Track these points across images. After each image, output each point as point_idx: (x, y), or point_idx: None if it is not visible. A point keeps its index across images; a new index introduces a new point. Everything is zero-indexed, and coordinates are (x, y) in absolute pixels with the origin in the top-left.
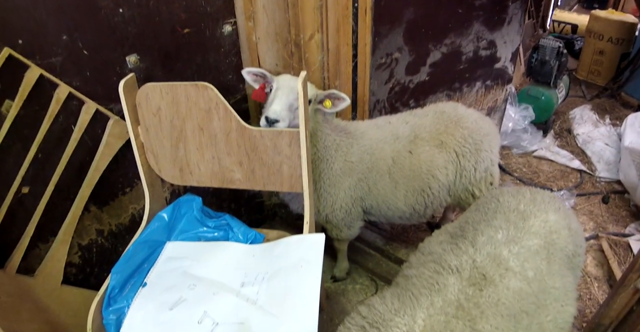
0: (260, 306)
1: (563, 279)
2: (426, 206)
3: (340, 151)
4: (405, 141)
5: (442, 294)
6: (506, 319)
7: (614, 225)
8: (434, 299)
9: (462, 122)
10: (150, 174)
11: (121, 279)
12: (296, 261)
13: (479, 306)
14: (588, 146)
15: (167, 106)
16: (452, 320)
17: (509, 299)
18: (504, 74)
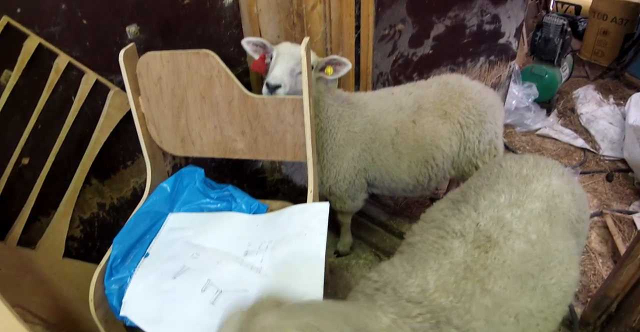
0: (265, 274)
1: (566, 242)
2: (430, 177)
3: (343, 121)
4: (408, 111)
5: (448, 257)
6: (513, 280)
7: (618, 203)
8: (442, 262)
9: (466, 93)
10: (152, 146)
11: (123, 249)
12: (300, 229)
13: (485, 267)
14: (592, 125)
15: (168, 75)
16: (462, 281)
17: (514, 261)
18: (507, 49)
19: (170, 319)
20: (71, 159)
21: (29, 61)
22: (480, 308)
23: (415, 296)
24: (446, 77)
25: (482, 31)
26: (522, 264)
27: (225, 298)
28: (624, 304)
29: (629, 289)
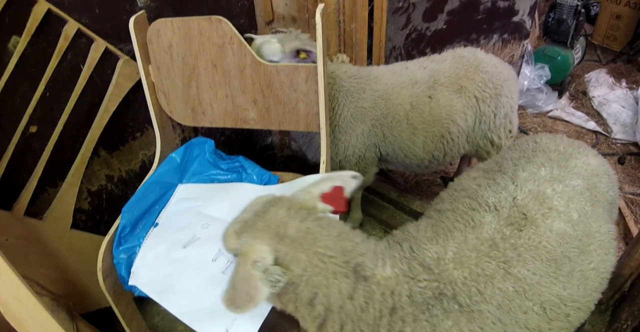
0: None
1: (607, 225)
2: (445, 152)
3: (350, 97)
4: (424, 86)
5: (476, 231)
6: (546, 264)
7: (630, 185)
8: (468, 236)
9: (482, 67)
10: (162, 116)
11: (132, 218)
12: None
13: (516, 247)
14: (604, 108)
15: (179, 42)
16: (484, 258)
17: (550, 242)
18: (521, 28)
19: (179, 289)
20: (79, 129)
21: (38, 27)
22: (497, 292)
23: (428, 261)
24: (461, 51)
25: (497, 8)
26: (559, 246)
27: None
28: (637, 283)
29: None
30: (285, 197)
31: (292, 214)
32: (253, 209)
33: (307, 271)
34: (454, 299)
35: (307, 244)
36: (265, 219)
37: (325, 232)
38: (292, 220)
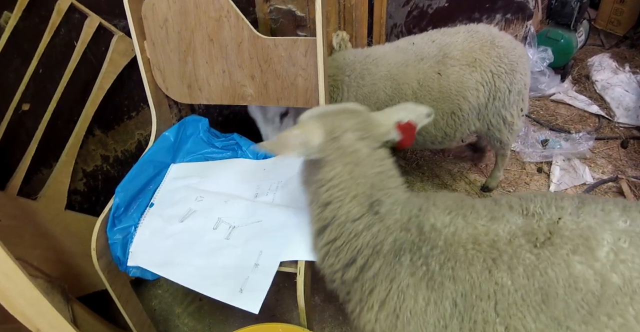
0: (278, 204)
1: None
2: (456, 129)
3: (351, 87)
4: (432, 61)
5: (493, 224)
6: (535, 291)
7: (633, 169)
8: (481, 223)
9: (497, 41)
10: (157, 93)
11: (126, 198)
12: None
13: (515, 257)
14: (607, 92)
15: (174, 17)
16: (476, 248)
17: (557, 277)
18: (524, 8)
19: (182, 259)
20: (74, 107)
21: (29, 2)
22: (467, 278)
23: (426, 224)
24: (474, 26)
25: None
26: (563, 286)
27: (239, 232)
28: None
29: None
30: (366, 112)
31: (357, 128)
32: (336, 107)
33: (333, 180)
34: (425, 259)
35: (347, 160)
36: (334, 118)
37: (369, 163)
38: (352, 133)
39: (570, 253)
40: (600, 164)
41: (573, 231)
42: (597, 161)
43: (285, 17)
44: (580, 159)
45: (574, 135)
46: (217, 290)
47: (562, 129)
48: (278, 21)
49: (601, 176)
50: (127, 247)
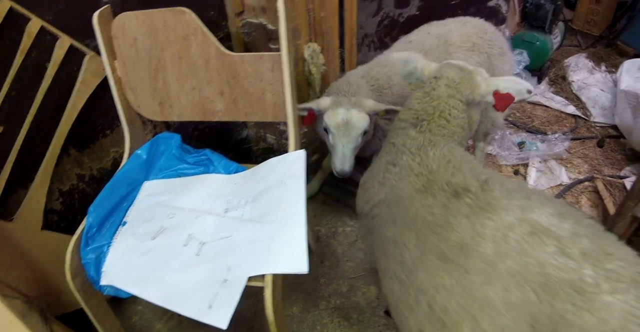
0: (247, 219)
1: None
2: None
3: (383, 90)
4: (437, 51)
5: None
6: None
7: (609, 168)
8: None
9: (486, 28)
10: (129, 111)
11: (98, 217)
12: (279, 178)
13: (436, 198)
14: (583, 92)
15: (144, 36)
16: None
17: (482, 240)
18: (497, 13)
19: (154, 277)
20: (47, 128)
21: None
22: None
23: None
24: (463, 18)
25: None
26: (484, 246)
27: (209, 247)
28: None
29: None
30: (476, 73)
31: (454, 79)
32: (457, 62)
33: (410, 101)
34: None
35: (427, 93)
36: (448, 67)
37: (438, 103)
38: (446, 81)
39: (471, 211)
40: (576, 164)
41: (490, 200)
42: (574, 161)
43: (257, 30)
44: (556, 160)
45: (550, 137)
46: (186, 307)
47: (538, 130)
48: (250, 35)
49: (577, 176)
50: (100, 267)
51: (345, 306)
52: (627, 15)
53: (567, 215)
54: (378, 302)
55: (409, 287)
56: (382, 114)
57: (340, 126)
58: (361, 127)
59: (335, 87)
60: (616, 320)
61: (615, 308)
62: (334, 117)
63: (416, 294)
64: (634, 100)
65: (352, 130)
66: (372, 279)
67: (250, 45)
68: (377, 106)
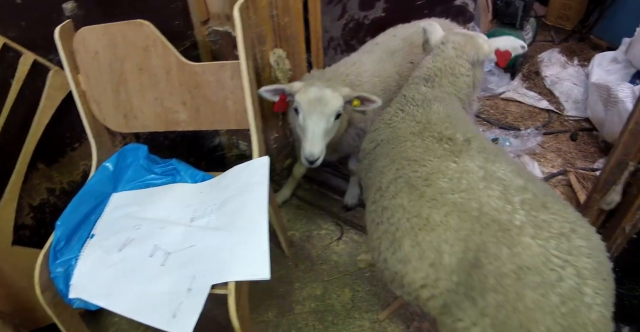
0: (212, 228)
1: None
2: None
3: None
4: (402, 54)
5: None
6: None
7: (582, 161)
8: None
9: (451, 28)
10: (95, 124)
11: (66, 231)
12: (243, 185)
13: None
14: (556, 87)
15: (104, 49)
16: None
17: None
18: (464, 11)
19: (121, 289)
20: (15, 144)
21: None
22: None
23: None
24: (429, 19)
25: None
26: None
27: (175, 257)
28: None
29: None
30: (478, 37)
31: (460, 43)
32: (464, 31)
33: (424, 62)
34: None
35: (437, 55)
36: (454, 35)
37: (446, 63)
38: (453, 44)
39: (444, 153)
40: (549, 159)
41: (463, 149)
42: (547, 156)
43: (223, 38)
44: (529, 155)
45: (523, 132)
46: (151, 317)
47: (511, 126)
48: (217, 43)
49: (551, 170)
50: (69, 280)
51: (320, 309)
52: (599, 9)
53: (525, 176)
54: (352, 304)
55: (379, 205)
56: (356, 103)
57: (313, 102)
58: (334, 105)
59: (309, 76)
60: (527, 257)
61: (531, 249)
62: (306, 94)
63: (382, 211)
64: (605, 93)
65: (324, 107)
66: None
67: (217, 53)
68: (351, 92)
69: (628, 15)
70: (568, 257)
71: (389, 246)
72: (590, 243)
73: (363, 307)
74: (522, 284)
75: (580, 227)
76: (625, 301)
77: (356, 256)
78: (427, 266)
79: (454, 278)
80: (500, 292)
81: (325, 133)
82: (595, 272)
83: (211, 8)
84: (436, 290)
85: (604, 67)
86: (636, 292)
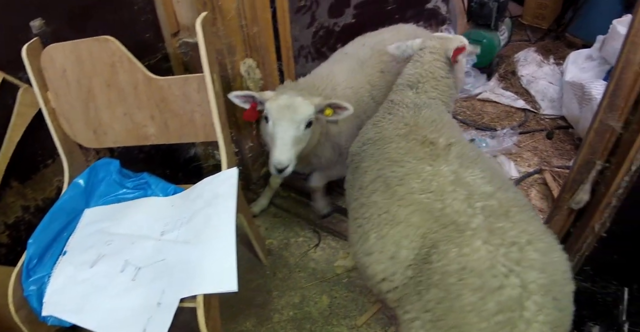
0: (181, 242)
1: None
2: None
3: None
4: (372, 62)
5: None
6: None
7: (559, 159)
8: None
9: (418, 34)
10: (66, 141)
11: (39, 249)
12: (210, 198)
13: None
14: (532, 86)
15: (72, 66)
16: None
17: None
18: (436, 14)
19: (93, 305)
20: None
21: None
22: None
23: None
24: (397, 26)
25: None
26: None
27: (145, 272)
28: None
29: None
30: (446, 40)
31: (435, 47)
32: (442, 34)
33: (406, 69)
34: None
35: (416, 61)
36: (431, 39)
37: (427, 67)
38: (430, 49)
39: (423, 157)
40: (526, 158)
41: (441, 154)
42: (523, 155)
43: (194, 49)
44: (506, 155)
45: (499, 132)
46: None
47: (488, 127)
48: (188, 54)
49: (527, 169)
50: (42, 298)
51: (299, 317)
52: (573, 7)
53: (497, 184)
54: (330, 310)
55: (358, 202)
56: (328, 112)
57: (282, 108)
58: (304, 112)
59: (282, 87)
60: (473, 260)
61: (479, 252)
62: (277, 101)
63: (359, 207)
64: (579, 90)
65: (294, 113)
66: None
67: (189, 65)
68: (323, 101)
69: (602, 13)
70: (515, 267)
71: (359, 239)
72: (546, 259)
73: (341, 314)
74: (463, 284)
75: (539, 241)
76: (599, 299)
77: (333, 262)
78: (387, 259)
79: (408, 272)
80: (442, 289)
81: (295, 141)
82: (545, 289)
83: (181, 20)
84: (393, 283)
85: (578, 65)
86: (609, 289)
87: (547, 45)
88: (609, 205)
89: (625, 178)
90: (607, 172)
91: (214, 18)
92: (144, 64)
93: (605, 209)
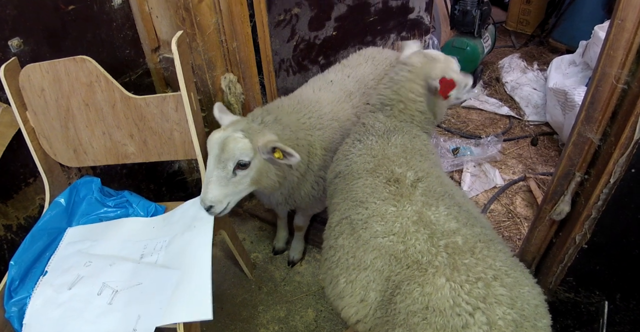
0: (160, 265)
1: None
2: None
3: (314, 131)
4: (358, 94)
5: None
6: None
7: (543, 165)
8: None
9: (392, 60)
10: (47, 160)
11: (20, 270)
12: (190, 222)
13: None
14: (516, 92)
15: (50, 85)
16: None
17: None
18: (420, 24)
19: (70, 329)
20: None
21: None
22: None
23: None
24: (367, 53)
25: (389, 8)
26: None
27: (122, 295)
28: (540, 266)
29: (543, 251)
30: (430, 63)
31: (417, 74)
32: (428, 53)
33: (380, 85)
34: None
35: (395, 83)
36: (415, 57)
37: (402, 90)
38: (408, 73)
39: (387, 197)
40: (510, 165)
41: (406, 193)
42: (508, 162)
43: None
44: (490, 163)
45: (484, 140)
46: None
47: (472, 134)
48: (169, 69)
49: (512, 177)
50: (23, 319)
51: (284, 331)
52: (556, 13)
53: (463, 220)
54: (316, 324)
55: (327, 244)
56: (278, 156)
57: (213, 144)
58: (235, 154)
59: (253, 113)
60: (436, 299)
61: (442, 290)
62: (212, 135)
63: (328, 249)
64: (562, 97)
65: (221, 152)
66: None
67: (170, 80)
68: (272, 142)
69: (584, 18)
70: (480, 304)
71: (330, 282)
72: (515, 293)
73: (326, 327)
74: (427, 324)
75: (507, 276)
76: (582, 309)
77: (318, 275)
78: (357, 302)
79: (377, 313)
80: (407, 329)
81: (225, 182)
82: (515, 325)
83: (161, 35)
84: (367, 325)
85: (562, 70)
86: (592, 299)
87: (531, 51)
88: (589, 217)
89: (604, 190)
90: (586, 183)
91: (192, 33)
92: (125, 80)
93: (586, 220)
